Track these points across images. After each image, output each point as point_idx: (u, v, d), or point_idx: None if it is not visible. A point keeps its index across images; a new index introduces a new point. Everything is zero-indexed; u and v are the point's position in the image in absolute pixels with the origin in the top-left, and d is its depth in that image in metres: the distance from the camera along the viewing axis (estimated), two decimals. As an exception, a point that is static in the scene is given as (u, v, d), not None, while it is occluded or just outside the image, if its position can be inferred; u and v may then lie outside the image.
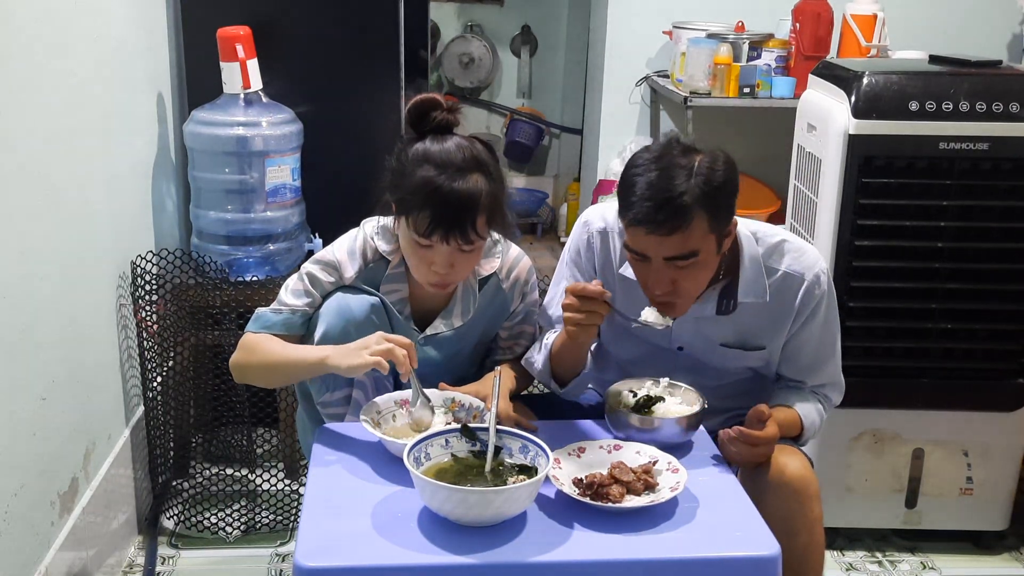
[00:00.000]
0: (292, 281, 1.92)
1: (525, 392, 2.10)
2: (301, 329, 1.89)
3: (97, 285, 2.39)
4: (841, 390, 2.02)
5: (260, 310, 1.92)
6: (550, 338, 1.97)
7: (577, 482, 1.59)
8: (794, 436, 1.93)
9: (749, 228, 1.90)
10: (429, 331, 1.94)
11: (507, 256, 1.98)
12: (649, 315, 1.79)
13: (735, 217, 1.80)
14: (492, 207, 1.78)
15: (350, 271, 1.90)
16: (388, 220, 1.93)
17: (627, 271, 1.92)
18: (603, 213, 2.00)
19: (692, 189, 1.68)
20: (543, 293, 2.12)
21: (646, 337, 1.99)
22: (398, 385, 1.94)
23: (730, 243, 1.82)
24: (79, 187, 2.26)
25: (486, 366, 2.05)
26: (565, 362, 1.92)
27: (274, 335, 1.88)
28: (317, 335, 1.85)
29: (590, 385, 2.19)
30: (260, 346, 1.87)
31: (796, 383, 1.98)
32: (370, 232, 1.93)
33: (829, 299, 1.93)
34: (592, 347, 1.96)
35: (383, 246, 1.91)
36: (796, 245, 1.92)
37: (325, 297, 1.89)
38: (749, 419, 1.76)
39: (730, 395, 2.00)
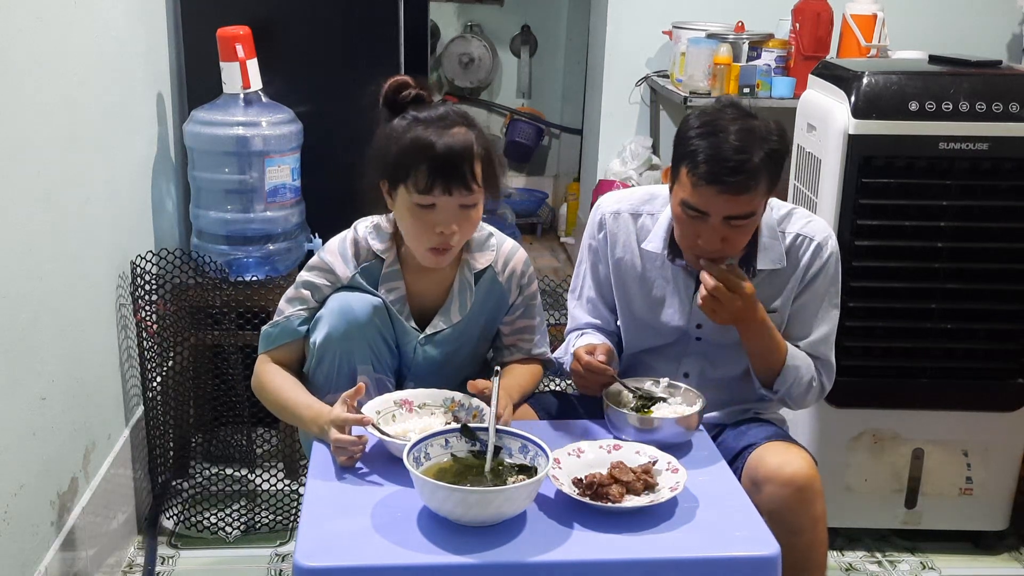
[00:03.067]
0: (290, 291, 1.94)
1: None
2: (299, 332, 1.89)
3: (97, 285, 2.39)
4: (832, 374, 2.03)
5: (263, 329, 1.94)
6: (576, 343, 2.00)
7: (577, 482, 1.59)
8: (773, 372, 1.93)
9: None
10: (429, 330, 1.94)
11: (501, 249, 1.98)
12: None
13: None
14: (485, 158, 1.79)
15: (345, 270, 1.90)
16: (380, 219, 1.93)
17: (649, 245, 1.99)
18: (616, 197, 2.07)
19: (760, 152, 1.76)
20: (547, 293, 2.13)
21: (665, 321, 2.01)
22: (399, 386, 1.94)
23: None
24: (79, 187, 2.26)
25: (490, 366, 2.05)
26: None
27: (279, 348, 1.90)
28: (320, 337, 1.85)
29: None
30: (269, 384, 1.88)
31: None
32: (363, 232, 1.93)
33: (835, 269, 1.99)
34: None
35: (376, 245, 1.91)
36: (806, 213, 2.00)
37: (325, 299, 1.90)
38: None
39: (737, 387, 2.02)
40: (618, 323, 2.12)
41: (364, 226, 1.94)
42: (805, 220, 1.98)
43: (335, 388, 1.87)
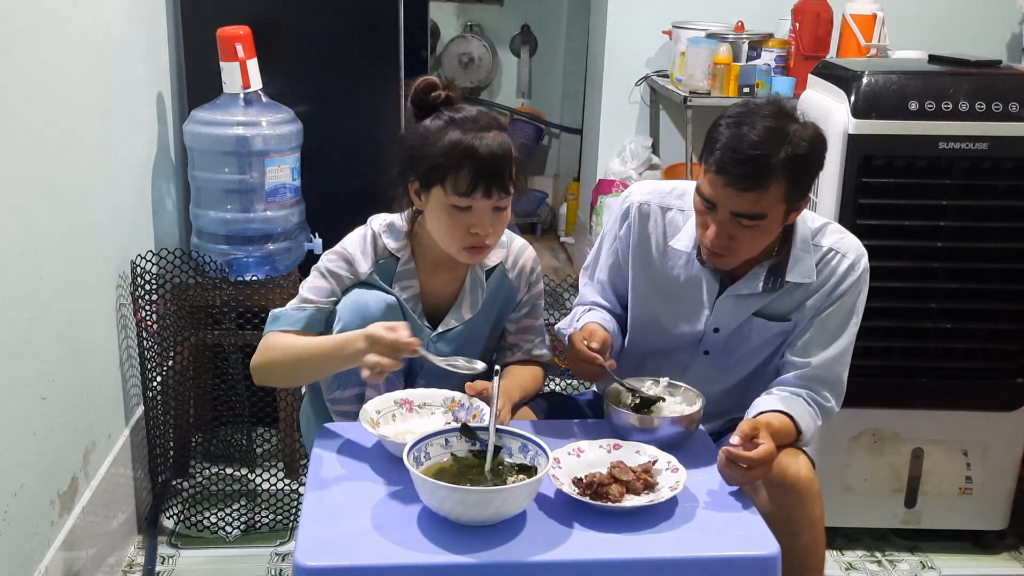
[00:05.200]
0: (310, 279, 1.91)
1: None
2: (323, 326, 1.88)
3: (97, 284, 2.39)
4: (842, 395, 1.96)
5: (279, 310, 1.90)
6: (582, 319, 1.98)
7: (577, 481, 1.59)
8: (791, 443, 1.86)
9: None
10: (441, 327, 1.95)
11: (511, 246, 2.00)
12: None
13: (808, 197, 1.81)
14: (519, 161, 1.81)
15: (364, 266, 1.90)
16: (395, 217, 1.94)
17: (678, 243, 1.95)
18: (648, 188, 2.02)
19: (779, 154, 1.70)
20: (546, 292, 2.13)
21: (679, 322, 1.97)
22: (410, 383, 1.93)
23: (794, 219, 1.84)
24: (79, 186, 2.26)
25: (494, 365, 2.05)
26: None
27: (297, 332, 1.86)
28: (334, 332, 1.85)
29: (594, 388, 2.20)
30: (283, 342, 1.84)
31: (794, 368, 1.91)
32: (378, 230, 1.93)
33: (864, 288, 1.93)
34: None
35: (391, 243, 1.91)
36: (839, 228, 1.95)
37: (345, 291, 1.90)
38: (741, 435, 1.65)
39: (736, 398, 1.99)
40: (625, 310, 2.08)
41: (378, 223, 1.94)
42: (838, 235, 1.92)
43: (345, 384, 1.88)
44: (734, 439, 1.65)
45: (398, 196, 1.88)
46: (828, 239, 1.91)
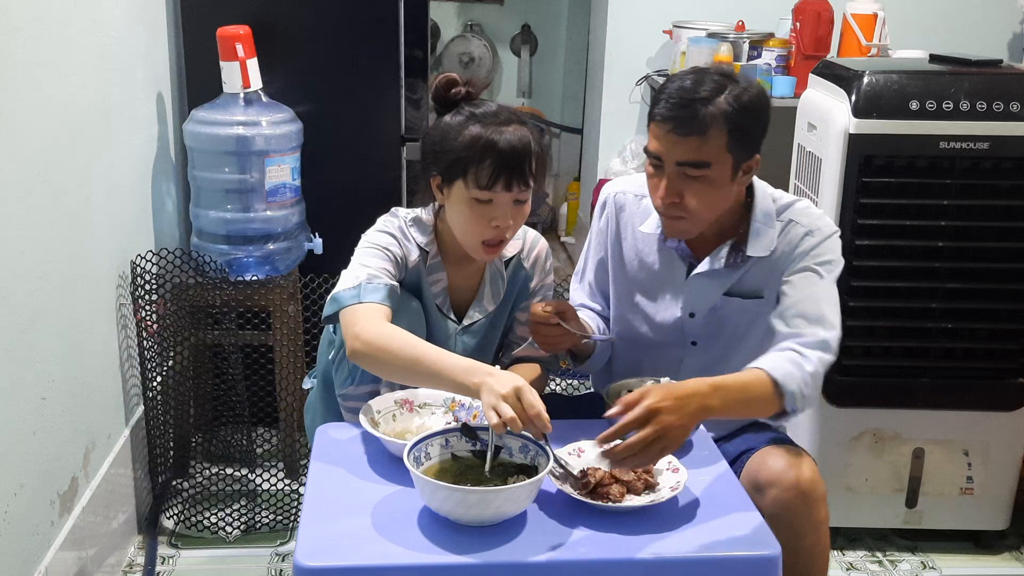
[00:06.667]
0: (375, 259, 1.82)
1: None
2: (395, 300, 1.81)
3: (97, 284, 2.38)
4: (834, 325, 1.81)
5: (362, 276, 1.78)
6: None
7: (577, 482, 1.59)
8: (776, 412, 1.73)
9: (769, 189, 1.93)
10: (466, 321, 1.96)
11: (526, 237, 2.02)
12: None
13: (757, 156, 1.82)
14: (539, 155, 1.82)
15: (414, 255, 1.90)
16: (419, 211, 1.94)
17: (647, 227, 1.97)
18: (624, 180, 2.06)
19: (718, 102, 1.74)
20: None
21: (658, 309, 1.98)
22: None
23: (747, 182, 1.86)
24: (79, 186, 2.25)
25: (502, 357, 2.05)
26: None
27: (379, 305, 1.77)
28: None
29: (593, 388, 2.19)
30: (403, 338, 1.69)
31: (776, 338, 1.82)
32: (405, 223, 1.93)
33: (827, 245, 1.87)
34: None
35: (419, 237, 1.91)
36: (810, 205, 1.93)
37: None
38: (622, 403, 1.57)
39: None
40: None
41: (404, 216, 1.93)
42: (806, 210, 1.91)
43: (358, 380, 1.88)
44: (612, 411, 1.57)
45: (420, 191, 1.89)
46: (791, 213, 1.91)
